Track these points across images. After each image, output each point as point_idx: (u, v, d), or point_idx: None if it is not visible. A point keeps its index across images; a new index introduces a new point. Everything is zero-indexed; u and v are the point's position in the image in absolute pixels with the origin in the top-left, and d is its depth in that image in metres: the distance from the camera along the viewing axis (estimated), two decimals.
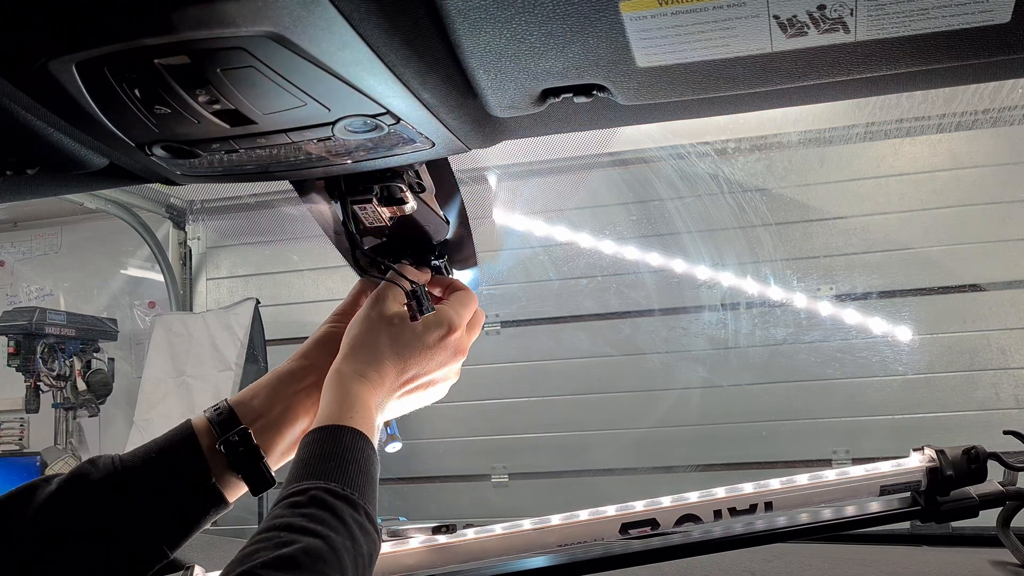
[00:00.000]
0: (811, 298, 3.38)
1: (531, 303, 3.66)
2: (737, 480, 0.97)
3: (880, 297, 3.34)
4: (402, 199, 0.81)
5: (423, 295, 0.84)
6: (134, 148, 0.69)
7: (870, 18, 0.56)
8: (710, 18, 0.56)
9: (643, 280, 3.56)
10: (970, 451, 0.95)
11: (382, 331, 0.80)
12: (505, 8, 0.55)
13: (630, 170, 3.57)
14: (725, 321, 3.47)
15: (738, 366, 3.43)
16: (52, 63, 0.57)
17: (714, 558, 1.04)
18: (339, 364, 0.79)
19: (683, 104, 0.70)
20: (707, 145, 3.39)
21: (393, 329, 0.81)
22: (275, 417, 0.81)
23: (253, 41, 0.54)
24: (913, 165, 3.36)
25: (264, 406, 0.81)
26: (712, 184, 3.45)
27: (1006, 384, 3.24)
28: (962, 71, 0.65)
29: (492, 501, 3.59)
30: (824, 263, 3.40)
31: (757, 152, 3.45)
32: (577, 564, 0.93)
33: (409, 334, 0.81)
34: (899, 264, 3.32)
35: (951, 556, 1.11)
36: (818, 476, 0.96)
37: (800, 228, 3.42)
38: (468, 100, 0.67)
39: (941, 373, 3.29)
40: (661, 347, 3.52)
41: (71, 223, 4.31)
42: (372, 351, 0.79)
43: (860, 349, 3.34)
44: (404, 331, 0.81)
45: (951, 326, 3.29)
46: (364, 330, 0.81)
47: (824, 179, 3.42)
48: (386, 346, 0.79)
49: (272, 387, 0.83)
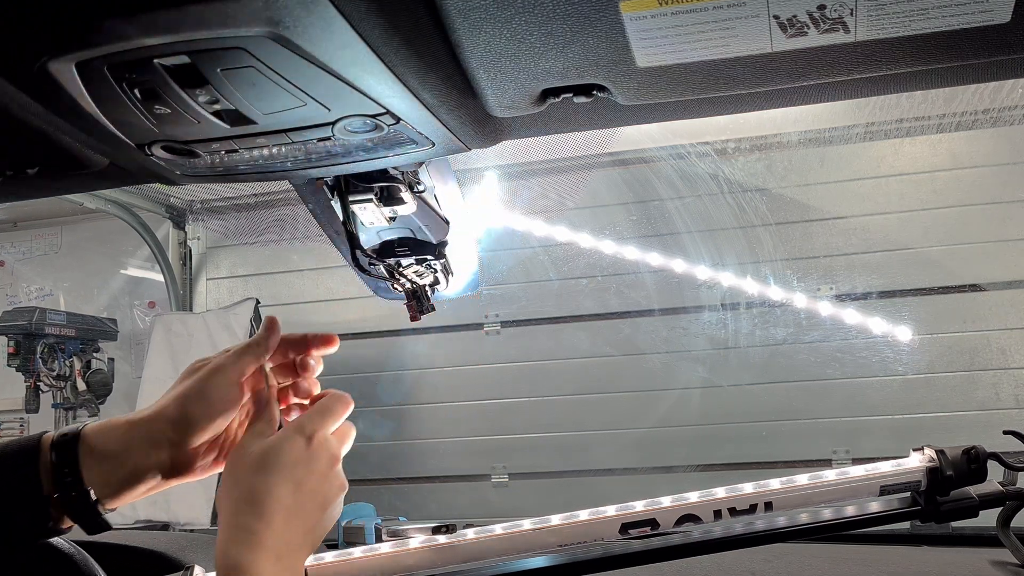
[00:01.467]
0: (811, 298, 3.38)
1: (531, 303, 3.66)
2: (737, 480, 0.97)
3: (880, 297, 3.34)
4: (402, 199, 0.81)
5: (423, 295, 0.84)
6: (134, 148, 0.69)
7: (870, 18, 0.56)
8: (710, 18, 0.56)
9: (643, 280, 3.56)
10: (970, 451, 0.95)
11: (247, 478, 0.72)
12: (505, 8, 0.55)
13: (630, 170, 3.57)
14: (725, 321, 3.47)
15: (738, 366, 3.43)
16: (52, 63, 0.57)
17: (714, 558, 1.04)
18: (218, 554, 0.70)
19: (683, 104, 0.70)
20: (707, 145, 3.39)
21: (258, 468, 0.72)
22: (121, 458, 0.74)
23: (253, 41, 0.54)
24: (913, 165, 3.35)
25: (113, 445, 0.74)
26: (712, 184, 3.45)
27: (1006, 384, 3.24)
28: (962, 71, 0.65)
29: (492, 501, 3.59)
30: (824, 263, 3.40)
31: (757, 152, 3.45)
32: (577, 564, 0.93)
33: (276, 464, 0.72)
34: (899, 264, 3.32)
35: (951, 556, 1.11)
36: (818, 476, 0.96)
37: (800, 228, 3.42)
38: (468, 100, 0.67)
39: (941, 373, 3.28)
40: (661, 347, 3.52)
41: (71, 223, 4.31)
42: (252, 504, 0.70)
43: (860, 349, 3.34)
44: (271, 465, 0.72)
45: (951, 326, 3.29)
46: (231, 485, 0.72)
47: (824, 179, 3.42)
48: (261, 492, 0.71)
49: (125, 429, 0.75)
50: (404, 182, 0.82)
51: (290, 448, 0.74)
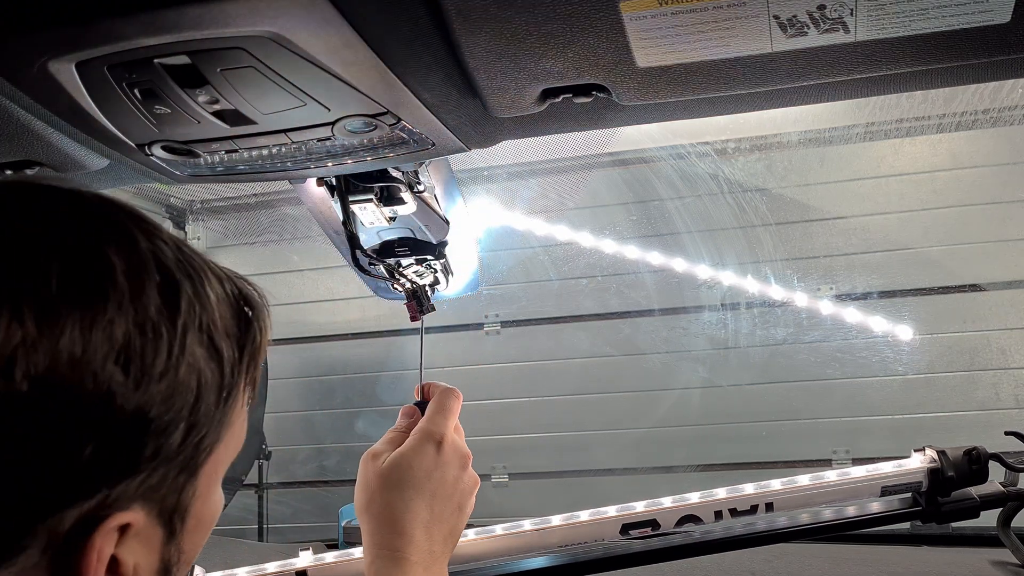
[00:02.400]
0: (811, 298, 3.38)
1: (531, 303, 3.67)
2: (737, 480, 0.97)
3: (880, 297, 3.34)
4: (402, 199, 0.81)
5: (423, 295, 0.84)
6: (134, 148, 0.69)
7: (870, 18, 0.56)
8: (710, 18, 0.56)
9: (643, 280, 3.56)
10: (971, 452, 0.95)
11: (383, 495, 0.74)
12: (505, 8, 0.55)
13: (630, 170, 3.57)
14: (725, 321, 3.47)
15: (738, 366, 3.44)
16: (52, 63, 0.57)
17: (715, 558, 1.04)
18: (366, 553, 0.73)
19: (683, 104, 0.69)
20: (707, 145, 3.39)
21: (393, 484, 0.74)
22: None
23: (253, 41, 0.54)
24: (913, 165, 3.36)
25: None
26: (712, 184, 3.45)
27: (1006, 384, 3.24)
28: (962, 71, 0.65)
29: (492, 501, 3.59)
30: (824, 263, 3.40)
31: (757, 152, 3.45)
32: (578, 564, 0.93)
33: (410, 477, 0.74)
34: (899, 264, 3.32)
35: (952, 556, 1.11)
36: (819, 477, 0.96)
37: (800, 228, 3.42)
38: (468, 100, 0.67)
39: (941, 373, 3.29)
40: (661, 347, 3.52)
41: None
42: (391, 522, 0.73)
43: (860, 349, 3.34)
44: (405, 480, 0.74)
45: (951, 326, 3.29)
46: (367, 502, 0.75)
47: (824, 179, 3.42)
48: (399, 509, 0.73)
49: None
50: (404, 182, 0.82)
51: (421, 459, 0.75)
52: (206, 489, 0.51)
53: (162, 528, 0.48)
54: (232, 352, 0.50)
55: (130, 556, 0.46)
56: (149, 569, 0.48)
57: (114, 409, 0.42)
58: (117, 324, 0.43)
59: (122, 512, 0.44)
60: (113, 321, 0.42)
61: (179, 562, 0.51)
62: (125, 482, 0.44)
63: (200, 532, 0.52)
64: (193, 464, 0.48)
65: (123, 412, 0.43)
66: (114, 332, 0.42)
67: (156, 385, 0.44)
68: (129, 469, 0.44)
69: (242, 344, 0.51)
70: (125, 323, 0.43)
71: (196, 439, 0.47)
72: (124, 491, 0.44)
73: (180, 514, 0.49)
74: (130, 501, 0.45)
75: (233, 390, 0.50)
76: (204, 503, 0.51)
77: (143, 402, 0.43)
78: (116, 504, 0.44)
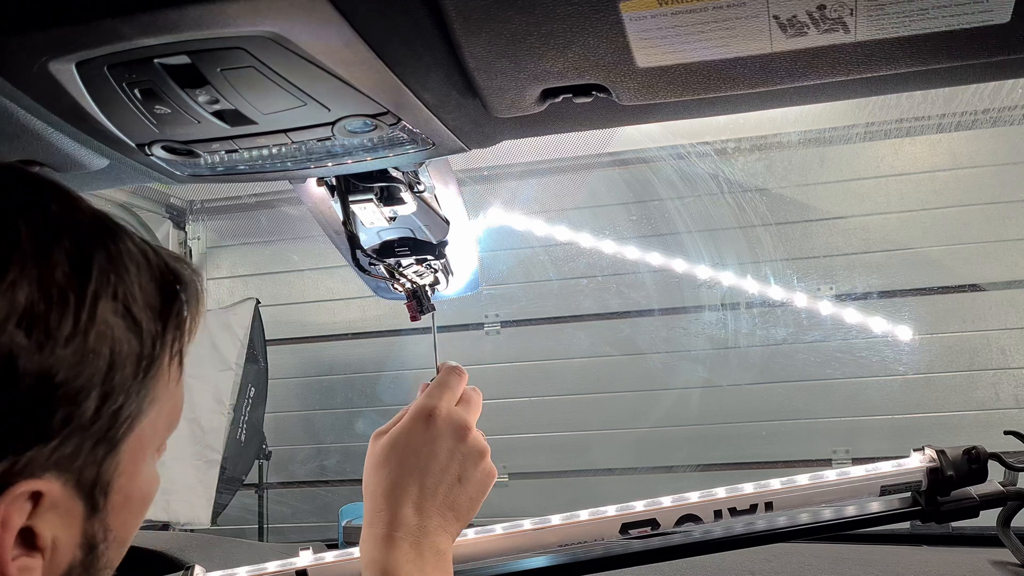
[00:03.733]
0: (811, 298, 3.38)
1: (531, 303, 3.67)
2: (737, 480, 0.97)
3: (880, 297, 3.34)
4: (402, 199, 0.81)
5: (423, 295, 0.84)
6: (134, 148, 0.69)
7: (870, 18, 0.56)
8: (710, 18, 0.56)
9: (643, 280, 3.56)
10: (971, 451, 0.95)
11: (374, 474, 0.75)
12: (505, 8, 0.55)
13: (630, 170, 3.57)
14: (725, 321, 3.47)
15: (738, 366, 3.44)
16: (52, 63, 0.57)
17: (714, 558, 1.04)
18: (360, 550, 0.73)
19: (683, 104, 0.69)
20: (707, 145, 3.39)
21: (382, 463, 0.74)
22: None
23: (253, 41, 0.54)
24: (913, 165, 3.36)
25: None
26: (712, 184, 3.45)
27: (1006, 384, 3.24)
28: (962, 71, 0.65)
29: (492, 501, 3.57)
30: (824, 263, 3.40)
31: (757, 152, 3.45)
32: (577, 564, 0.93)
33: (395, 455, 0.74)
34: (899, 264, 3.32)
35: (951, 556, 1.11)
36: (818, 476, 0.96)
37: (800, 228, 3.43)
38: (468, 100, 0.67)
39: (941, 373, 3.29)
40: (661, 347, 3.52)
41: None
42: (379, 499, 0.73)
43: (860, 349, 3.34)
44: (391, 457, 0.74)
45: (951, 326, 3.29)
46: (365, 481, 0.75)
47: (824, 179, 3.42)
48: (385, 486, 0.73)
49: None
50: (404, 182, 0.82)
51: (408, 436, 0.75)
52: (132, 465, 0.50)
53: (82, 502, 0.47)
54: (154, 325, 0.49)
55: (47, 529, 0.46)
56: (71, 544, 0.48)
57: (16, 371, 0.42)
58: (19, 287, 0.43)
59: (32, 479, 0.44)
60: (15, 284, 0.43)
61: (107, 540, 0.50)
62: (35, 448, 0.44)
63: (129, 510, 0.52)
64: (112, 436, 0.48)
65: (27, 374, 0.42)
66: (16, 296, 0.42)
67: (62, 350, 0.44)
68: (38, 435, 0.44)
69: (165, 317, 0.50)
70: (28, 287, 0.43)
71: (112, 408, 0.47)
72: (34, 458, 0.44)
73: (102, 488, 0.48)
74: (42, 470, 0.44)
75: (155, 362, 0.49)
76: (131, 479, 0.50)
77: (47, 365, 0.43)
78: (25, 471, 0.44)
